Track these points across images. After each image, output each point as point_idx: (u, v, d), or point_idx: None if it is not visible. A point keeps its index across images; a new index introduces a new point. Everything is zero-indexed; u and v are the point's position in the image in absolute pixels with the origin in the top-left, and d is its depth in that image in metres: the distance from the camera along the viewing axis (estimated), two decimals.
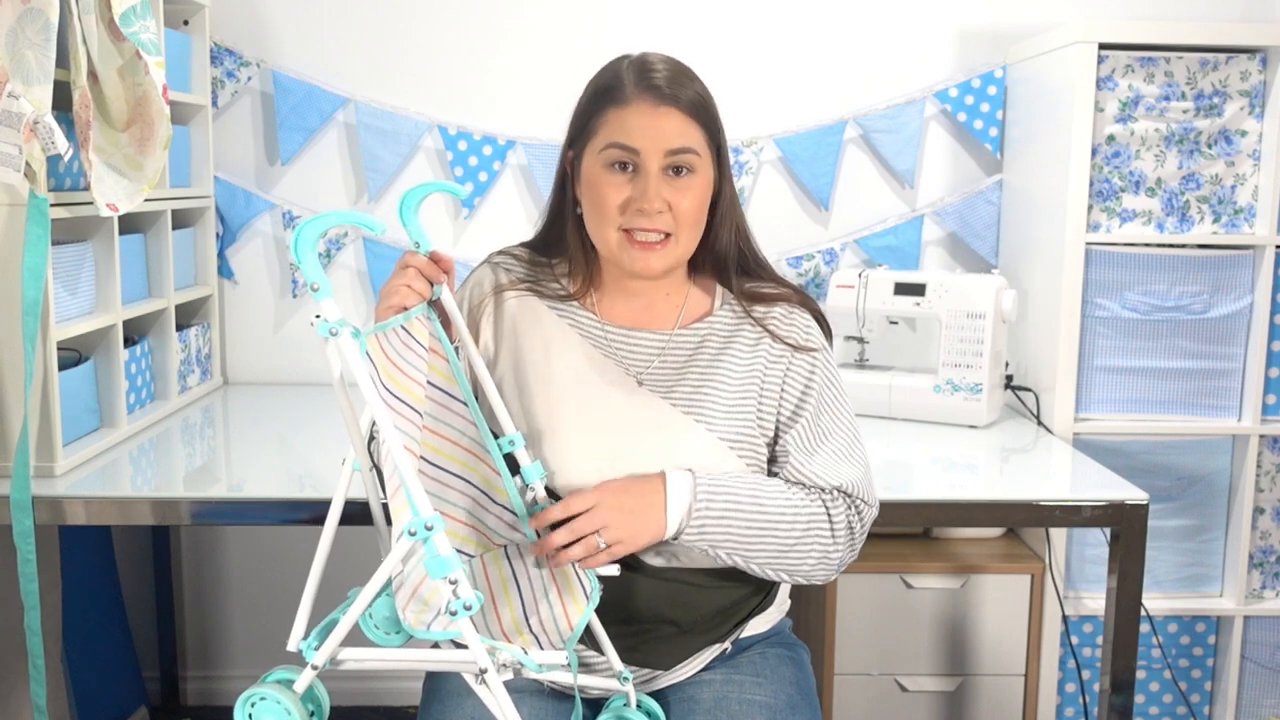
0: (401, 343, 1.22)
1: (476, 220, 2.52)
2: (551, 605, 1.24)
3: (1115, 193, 2.17)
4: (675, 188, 1.33)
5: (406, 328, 1.23)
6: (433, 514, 1.07)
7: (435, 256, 1.28)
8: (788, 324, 1.41)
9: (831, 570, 1.36)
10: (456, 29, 2.47)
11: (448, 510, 1.28)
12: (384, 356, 1.18)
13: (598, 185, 1.34)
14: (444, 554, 1.07)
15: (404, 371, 1.21)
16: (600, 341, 1.41)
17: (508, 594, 1.26)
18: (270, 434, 2.13)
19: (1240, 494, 2.24)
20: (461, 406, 1.30)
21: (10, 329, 1.70)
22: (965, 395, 2.19)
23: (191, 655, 2.66)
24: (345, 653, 1.16)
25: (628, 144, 1.32)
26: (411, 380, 1.22)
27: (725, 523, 1.29)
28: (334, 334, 1.11)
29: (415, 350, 1.24)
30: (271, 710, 1.14)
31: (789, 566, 1.34)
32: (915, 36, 2.49)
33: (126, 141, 1.87)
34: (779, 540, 1.31)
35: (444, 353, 1.29)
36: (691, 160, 1.33)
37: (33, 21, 1.60)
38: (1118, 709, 1.78)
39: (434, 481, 1.27)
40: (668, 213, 1.32)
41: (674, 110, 1.32)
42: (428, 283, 1.28)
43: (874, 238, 2.50)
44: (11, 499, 1.63)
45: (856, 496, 1.36)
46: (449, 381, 1.29)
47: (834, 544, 1.34)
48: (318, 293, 1.11)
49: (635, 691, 1.34)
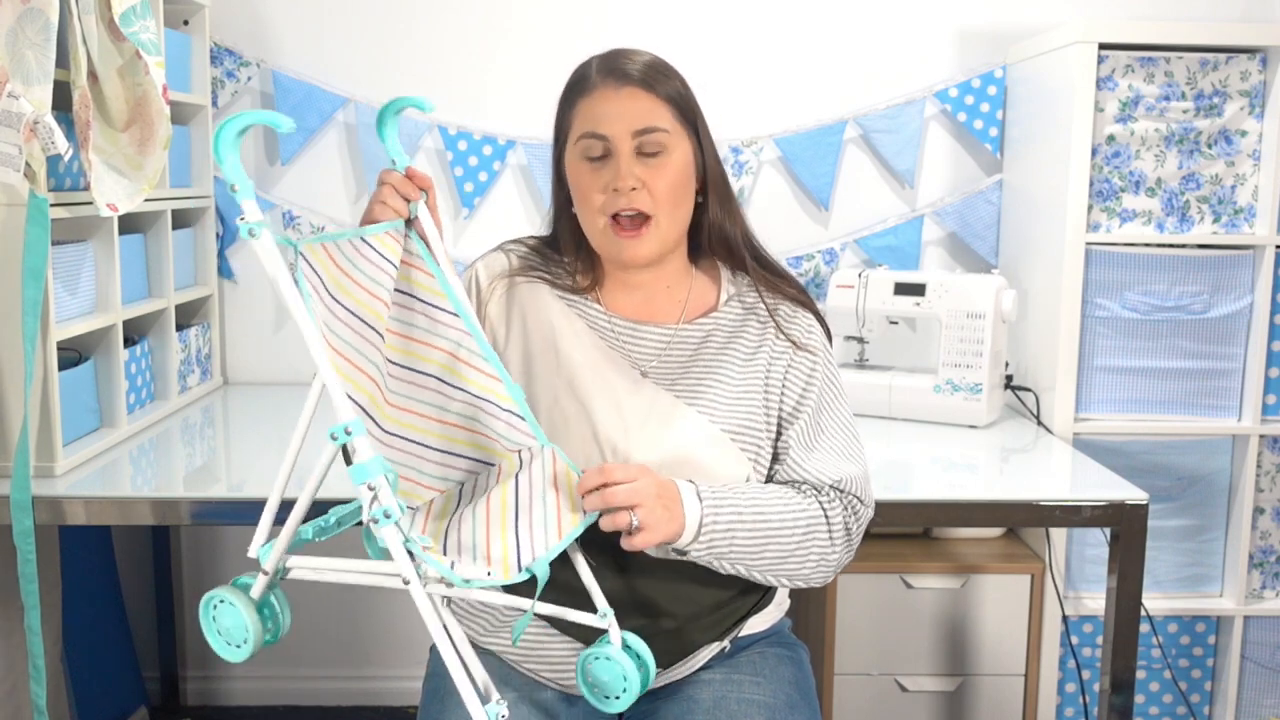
0: (359, 255, 1.19)
1: (476, 220, 2.52)
2: (547, 509, 1.21)
3: (1115, 193, 2.17)
4: (649, 167, 1.34)
5: (369, 241, 1.20)
6: (353, 418, 1.06)
7: (410, 173, 1.28)
8: (791, 321, 1.43)
9: (829, 572, 1.36)
10: (456, 29, 2.47)
11: (460, 421, 1.28)
12: (334, 267, 1.15)
13: (578, 177, 1.36)
14: (365, 460, 1.05)
15: (359, 284, 1.18)
16: (606, 333, 1.42)
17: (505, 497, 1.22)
18: (270, 434, 2.12)
19: (1240, 494, 2.24)
20: (452, 318, 1.29)
21: (10, 329, 1.70)
22: (965, 395, 2.19)
23: (191, 655, 2.66)
24: (293, 560, 1.17)
25: (597, 131, 1.33)
26: (368, 294, 1.19)
27: (730, 535, 1.29)
28: (253, 234, 1.07)
29: (379, 265, 1.21)
30: (228, 613, 1.15)
31: (789, 572, 1.34)
32: (915, 36, 2.49)
33: (126, 141, 1.87)
34: (780, 547, 1.31)
35: (427, 268, 1.28)
36: (662, 139, 1.34)
37: (33, 21, 1.60)
38: (1118, 709, 1.78)
39: (445, 396, 1.27)
40: (643, 189, 1.33)
41: (638, 90, 1.33)
42: (404, 200, 1.28)
43: (874, 238, 2.50)
44: (11, 499, 1.63)
45: (852, 494, 1.37)
46: (436, 295, 1.28)
47: (831, 546, 1.34)
48: (237, 193, 1.07)
49: (620, 632, 1.27)
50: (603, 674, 1.25)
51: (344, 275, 1.16)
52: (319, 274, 1.13)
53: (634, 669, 1.24)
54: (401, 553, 1.06)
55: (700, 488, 1.29)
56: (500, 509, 1.20)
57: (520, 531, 1.17)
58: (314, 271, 1.12)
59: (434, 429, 1.29)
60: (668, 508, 1.24)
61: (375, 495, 1.05)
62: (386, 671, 2.65)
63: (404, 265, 1.28)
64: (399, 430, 1.26)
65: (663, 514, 1.23)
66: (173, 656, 2.60)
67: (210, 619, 1.16)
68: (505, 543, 1.15)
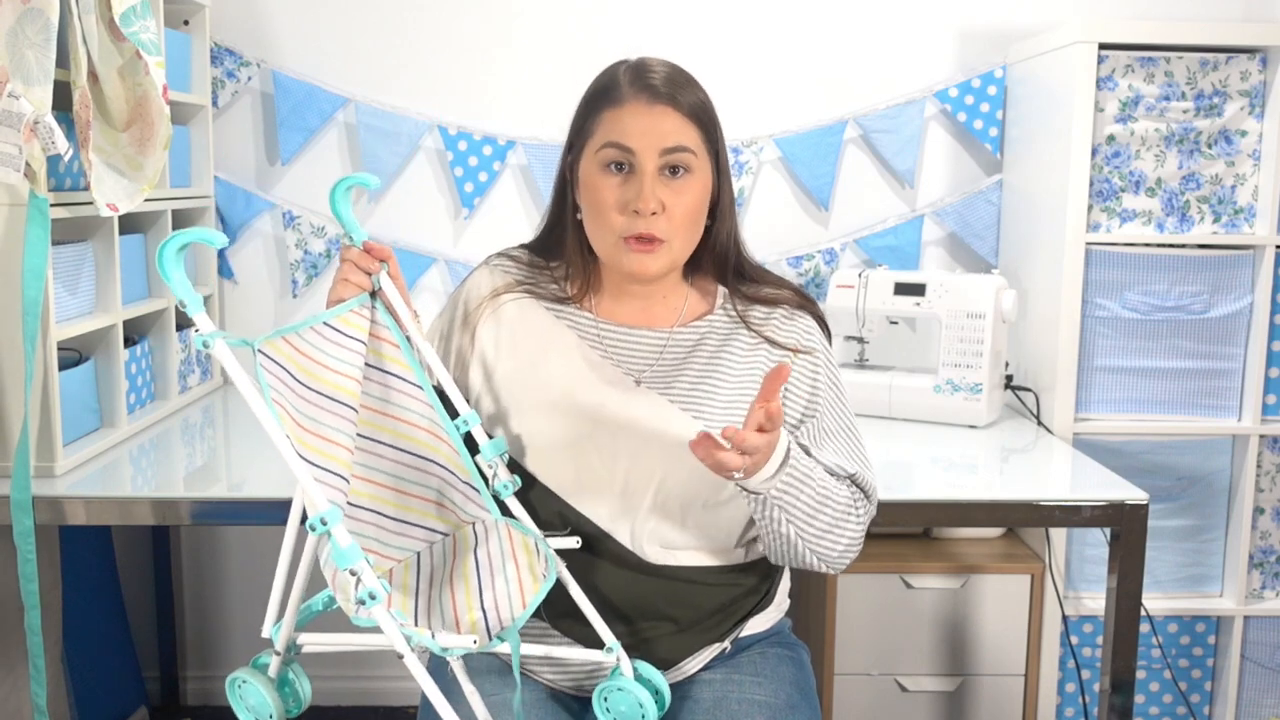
0: (324, 339, 1.22)
1: (476, 220, 2.52)
2: (508, 581, 1.24)
3: (1115, 193, 2.17)
4: (671, 188, 1.32)
5: (332, 324, 1.23)
6: (329, 508, 1.09)
7: (368, 246, 1.29)
8: (788, 327, 1.42)
9: (849, 560, 1.38)
10: (456, 29, 2.47)
11: (418, 492, 1.32)
12: (300, 355, 1.18)
13: (595, 187, 1.34)
14: (343, 547, 1.09)
15: (328, 367, 1.21)
16: (597, 342, 1.41)
17: (465, 571, 1.27)
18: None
19: (1240, 494, 2.24)
20: (418, 390, 1.31)
21: (10, 329, 1.70)
22: (965, 395, 2.19)
23: (191, 655, 2.66)
24: (303, 637, 1.23)
25: (623, 143, 1.32)
26: (339, 375, 1.22)
27: (800, 487, 1.29)
28: (206, 346, 1.11)
29: (344, 345, 1.24)
30: (253, 693, 1.21)
31: (825, 548, 1.34)
32: (915, 36, 2.49)
33: (126, 141, 1.87)
34: (829, 517, 1.32)
35: (392, 339, 1.30)
36: (688, 160, 1.33)
37: (33, 21, 1.60)
38: (1118, 709, 1.78)
39: (403, 466, 1.30)
40: (662, 215, 1.32)
41: (669, 109, 1.32)
42: (365, 274, 1.29)
43: (874, 238, 2.50)
44: (11, 499, 1.63)
45: (864, 486, 1.39)
46: (401, 366, 1.31)
47: (858, 532, 1.37)
48: (187, 308, 1.11)
49: (629, 660, 1.32)
50: (621, 704, 1.30)
51: (311, 361, 1.19)
52: (284, 366, 1.15)
53: (649, 698, 1.29)
54: (393, 629, 1.11)
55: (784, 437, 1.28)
56: (464, 583, 1.26)
57: (485, 604, 1.22)
58: (278, 365, 1.15)
59: (389, 498, 1.32)
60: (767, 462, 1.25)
61: (359, 579, 1.09)
62: (386, 671, 2.65)
63: (373, 339, 1.30)
64: (358, 500, 1.28)
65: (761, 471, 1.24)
66: (173, 656, 2.60)
67: (237, 697, 1.22)
68: (473, 614, 1.21)
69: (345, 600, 1.11)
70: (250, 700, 1.21)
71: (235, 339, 1.12)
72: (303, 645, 1.23)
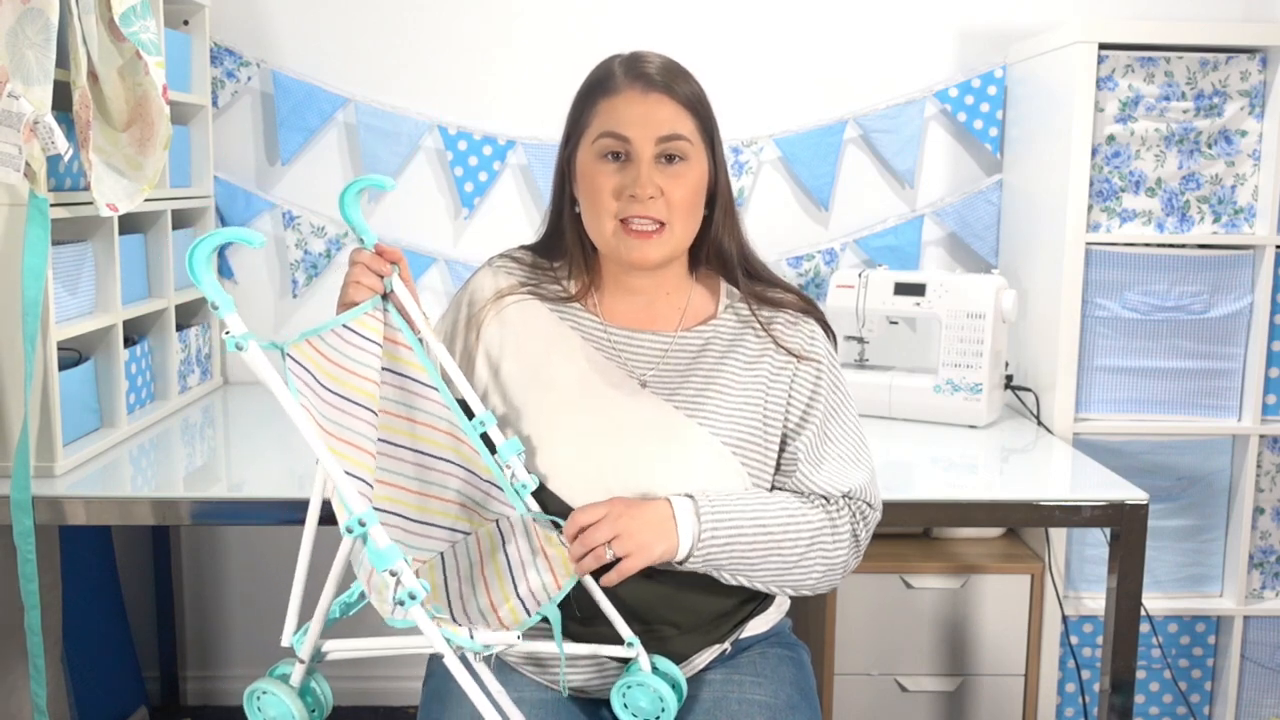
0: (344, 342, 1.22)
1: (476, 220, 2.51)
2: (540, 571, 1.26)
3: (1115, 193, 2.17)
4: (668, 175, 1.33)
5: (351, 326, 1.23)
6: (366, 510, 1.09)
7: (380, 249, 1.29)
8: (792, 331, 1.41)
9: (836, 580, 1.37)
10: (456, 29, 2.47)
11: (438, 493, 1.32)
12: (323, 359, 1.18)
13: (592, 176, 1.35)
14: (381, 548, 1.09)
15: (348, 370, 1.21)
16: (603, 344, 1.41)
17: (496, 566, 1.28)
18: (270, 434, 2.12)
19: (1240, 494, 2.24)
20: (434, 392, 1.31)
21: (10, 329, 1.70)
22: (965, 395, 2.19)
23: (191, 655, 2.66)
24: (329, 644, 1.21)
25: (619, 132, 1.32)
26: (358, 377, 1.22)
27: (730, 549, 1.29)
28: (240, 348, 1.09)
29: (362, 348, 1.24)
30: (274, 704, 1.19)
31: (794, 581, 1.35)
32: (915, 36, 2.49)
33: (126, 141, 1.87)
34: (783, 558, 1.32)
35: (406, 341, 1.31)
36: (683, 147, 1.33)
37: (33, 21, 1.60)
38: (1118, 709, 1.78)
39: (422, 468, 1.30)
40: (660, 199, 1.32)
41: (664, 97, 1.33)
42: (377, 277, 1.29)
43: (874, 238, 2.50)
44: (11, 499, 1.63)
45: (862, 500, 1.38)
46: (416, 369, 1.31)
47: (837, 554, 1.35)
48: (219, 310, 1.10)
49: (648, 656, 1.33)
50: (642, 699, 1.31)
51: (332, 364, 1.19)
52: (309, 370, 1.16)
53: (670, 692, 1.29)
54: (433, 630, 1.10)
55: (700, 503, 1.29)
56: (497, 578, 1.26)
57: (521, 594, 1.23)
58: (304, 369, 1.15)
59: (410, 500, 1.32)
60: (649, 526, 1.26)
61: (398, 580, 1.09)
62: (386, 671, 2.64)
63: (387, 342, 1.30)
64: (378, 504, 1.28)
65: (650, 536, 1.25)
66: (173, 656, 2.60)
67: (255, 709, 1.20)
68: (511, 605, 1.22)
69: (382, 602, 1.11)
70: (271, 712, 1.19)
71: (266, 342, 1.12)
72: (328, 652, 1.21)
